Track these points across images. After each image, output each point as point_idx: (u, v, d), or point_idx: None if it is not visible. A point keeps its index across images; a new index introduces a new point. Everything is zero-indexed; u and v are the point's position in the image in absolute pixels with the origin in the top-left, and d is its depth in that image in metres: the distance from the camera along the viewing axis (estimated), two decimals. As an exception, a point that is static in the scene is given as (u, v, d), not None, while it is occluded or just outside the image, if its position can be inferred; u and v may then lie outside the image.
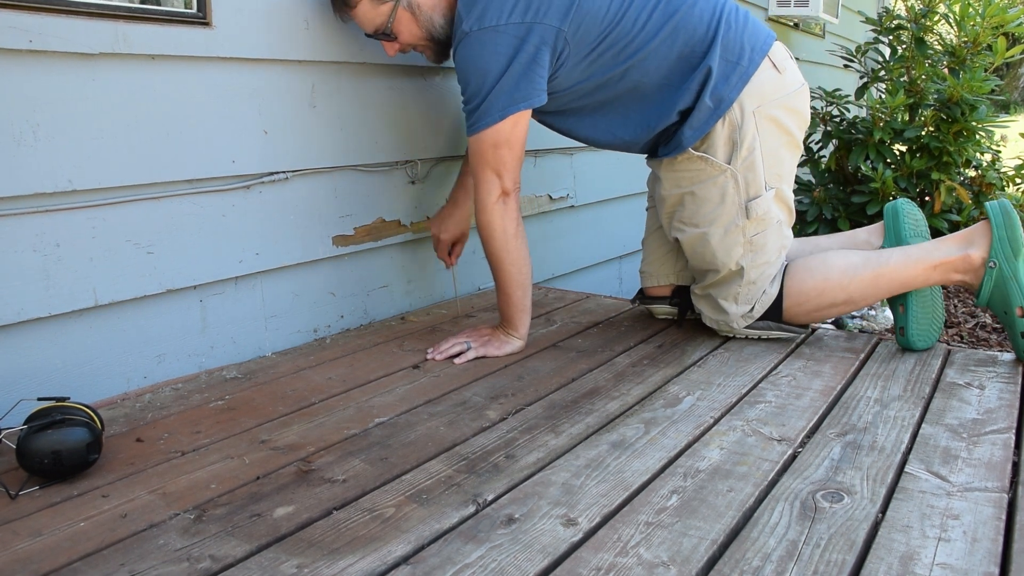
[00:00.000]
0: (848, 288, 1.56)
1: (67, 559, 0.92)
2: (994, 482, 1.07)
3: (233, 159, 1.53)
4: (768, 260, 1.60)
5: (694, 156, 1.58)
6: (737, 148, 1.56)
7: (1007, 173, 3.61)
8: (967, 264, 1.51)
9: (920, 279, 1.54)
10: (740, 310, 1.63)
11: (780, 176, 1.60)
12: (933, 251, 1.53)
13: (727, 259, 1.60)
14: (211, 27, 1.45)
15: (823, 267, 1.59)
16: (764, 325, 1.64)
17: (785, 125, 1.59)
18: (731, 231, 1.58)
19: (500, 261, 1.59)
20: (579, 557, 0.92)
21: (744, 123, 1.55)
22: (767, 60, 1.57)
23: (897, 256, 1.55)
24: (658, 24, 1.52)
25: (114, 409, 1.36)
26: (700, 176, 1.59)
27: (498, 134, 1.51)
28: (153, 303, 1.45)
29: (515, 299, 1.61)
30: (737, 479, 1.09)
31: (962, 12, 3.23)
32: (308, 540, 0.96)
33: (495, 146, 1.52)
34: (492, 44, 1.46)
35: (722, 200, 1.58)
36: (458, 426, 1.28)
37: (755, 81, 1.55)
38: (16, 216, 1.26)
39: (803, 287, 1.60)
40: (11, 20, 1.20)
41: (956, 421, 1.27)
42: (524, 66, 1.47)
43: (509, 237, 1.57)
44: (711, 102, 1.54)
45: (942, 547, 0.93)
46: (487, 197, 1.55)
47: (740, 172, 1.56)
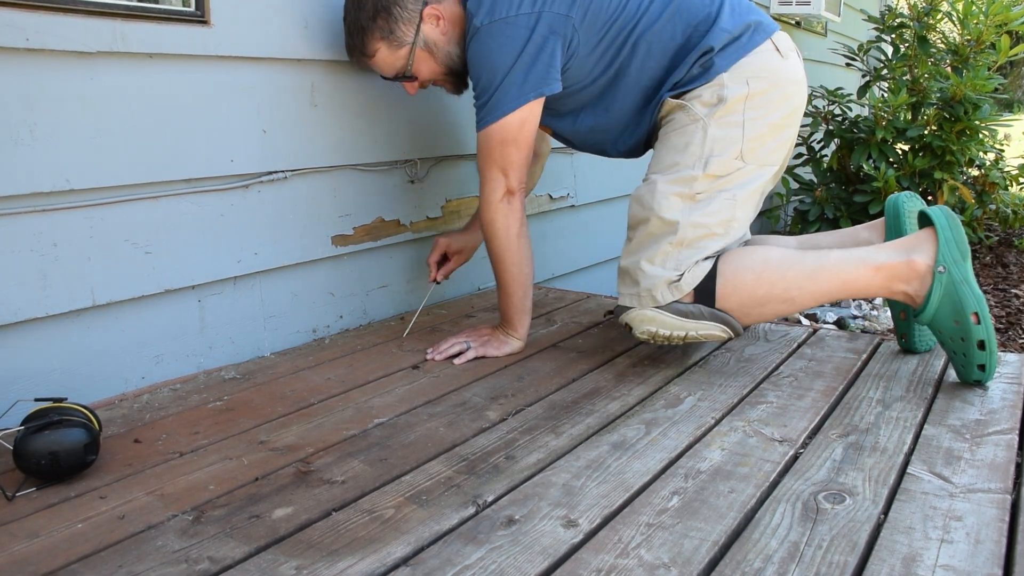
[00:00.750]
0: (786, 277, 1.41)
1: (64, 561, 0.92)
2: (997, 483, 1.07)
3: (232, 158, 1.52)
4: (707, 224, 1.43)
5: (672, 103, 1.50)
6: (720, 104, 1.46)
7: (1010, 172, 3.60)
8: (910, 270, 1.38)
9: (862, 281, 1.41)
10: (665, 274, 1.43)
11: (756, 155, 1.48)
12: (875, 253, 1.42)
13: (662, 206, 1.44)
14: (210, 26, 1.44)
15: (762, 252, 1.45)
16: (696, 310, 1.43)
17: (776, 108, 1.49)
18: (679, 179, 1.45)
19: (502, 260, 1.57)
20: (580, 558, 0.91)
21: (732, 85, 1.46)
22: (769, 42, 1.51)
23: (838, 253, 1.43)
24: (659, 7, 1.50)
25: (112, 410, 1.36)
26: (672, 124, 1.51)
27: (506, 130, 1.49)
28: (151, 303, 1.45)
29: (515, 299, 1.59)
30: (738, 480, 1.08)
31: (965, 10, 3.22)
32: (307, 541, 0.95)
33: (502, 143, 1.50)
34: (503, 35, 1.45)
35: (685, 148, 1.47)
36: (458, 427, 1.27)
37: (753, 57, 1.48)
38: (13, 216, 1.25)
39: (739, 268, 1.42)
40: (8, 18, 1.19)
41: (959, 422, 1.27)
42: (534, 55, 1.45)
43: (512, 237, 1.55)
44: (700, 68, 1.49)
45: (945, 549, 0.92)
46: (491, 195, 1.53)
47: (712, 126, 1.46)
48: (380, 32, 1.53)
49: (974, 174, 3.49)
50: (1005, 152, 3.60)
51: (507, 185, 1.52)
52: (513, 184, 1.53)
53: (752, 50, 1.49)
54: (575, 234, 2.52)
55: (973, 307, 1.34)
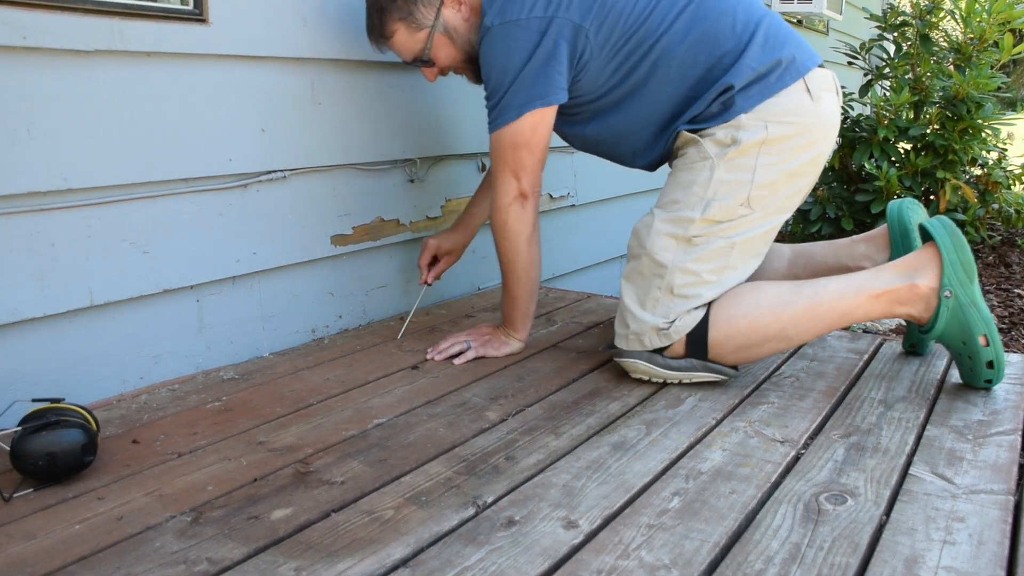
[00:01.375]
0: (781, 319, 1.36)
1: (62, 562, 0.91)
2: (1000, 484, 1.06)
3: (230, 158, 1.52)
4: (697, 272, 1.37)
5: (686, 136, 1.44)
6: (734, 146, 1.39)
7: (1013, 171, 3.59)
8: (913, 294, 1.34)
9: (862, 310, 1.36)
10: (654, 320, 1.39)
11: (764, 203, 1.40)
12: (874, 280, 1.37)
13: (655, 245, 1.39)
14: (208, 24, 1.44)
15: (753, 292, 1.39)
16: (688, 364, 1.40)
17: (796, 155, 1.40)
18: (676, 218, 1.39)
19: (511, 264, 1.54)
20: (580, 560, 0.91)
21: (750, 128, 1.38)
22: (801, 82, 1.41)
23: (835, 284, 1.37)
24: (685, 28, 1.42)
25: (110, 410, 1.35)
26: (684, 159, 1.45)
27: (517, 134, 1.45)
28: (149, 303, 1.44)
29: (520, 303, 1.57)
30: (739, 481, 1.08)
31: (968, 8, 3.21)
32: (306, 542, 0.95)
33: (514, 147, 1.46)
34: (513, 38, 1.41)
35: (688, 186, 1.41)
36: (458, 427, 1.27)
37: (779, 99, 1.39)
38: (10, 215, 1.25)
39: (731, 315, 1.37)
40: (5, 16, 1.19)
41: (961, 423, 1.26)
42: (543, 61, 1.41)
43: (522, 240, 1.51)
44: (720, 106, 1.41)
45: (947, 550, 0.92)
46: (503, 198, 1.50)
47: (720, 168, 1.39)
48: (399, 13, 1.51)
49: (977, 173, 3.48)
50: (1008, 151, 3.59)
51: (519, 188, 1.49)
52: (526, 187, 1.49)
53: (779, 91, 1.40)
54: (575, 234, 2.52)
55: (982, 330, 1.33)
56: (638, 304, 1.42)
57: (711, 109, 1.41)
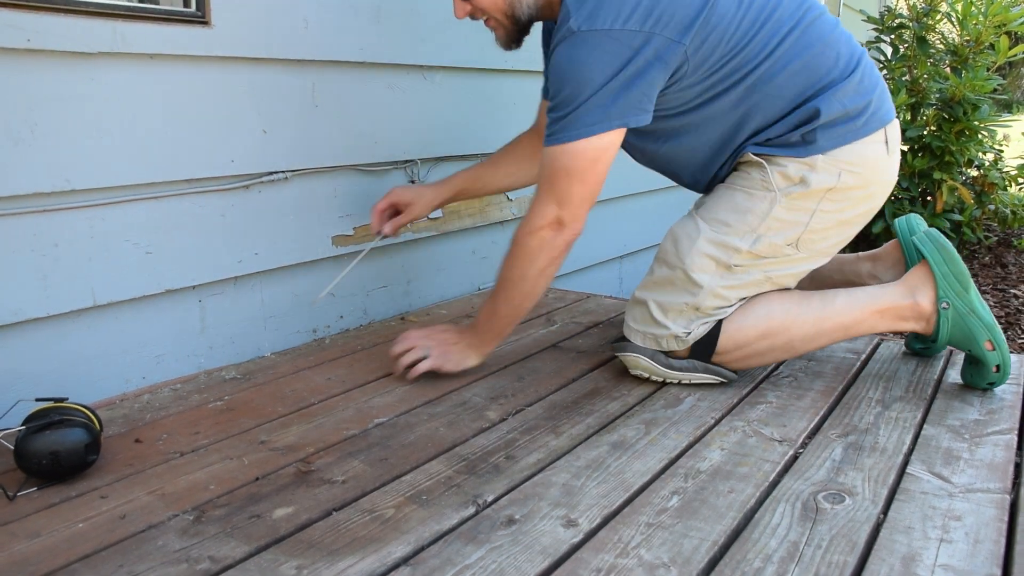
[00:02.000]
0: (790, 331, 1.38)
1: (65, 560, 0.92)
2: (996, 483, 1.07)
3: (232, 159, 1.52)
4: (728, 297, 1.37)
5: (753, 160, 1.36)
6: (802, 186, 1.33)
7: (1009, 173, 3.60)
8: (916, 312, 1.38)
9: (866, 325, 1.39)
10: (675, 330, 1.38)
11: (812, 245, 1.38)
12: (880, 296, 1.39)
13: (694, 263, 1.36)
14: (210, 26, 1.44)
15: (764, 305, 1.38)
16: (690, 365, 1.41)
17: (855, 206, 1.38)
18: (723, 243, 1.36)
19: (510, 284, 1.38)
20: (579, 558, 0.91)
21: (823, 172, 1.33)
22: (882, 132, 1.36)
23: (842, 298, 1.39)
24: (788, 55, 1.32)
25: (113, 410, 1.36)
26: (743, 179, 1.38)
27: (576, 157, 1.28)
28: (152, 303, 1.45)
29: (500, 324, 1.43)
30: (738, 480, 1.09)
31: (964, 11, 3.22)
32: (307, 541, 0.95)
33: (567, 172, 1.29)
34: (601, 50, 1.24)
35: (744, 213, 1.36)
36: (458, 427, 1.27)
37: (859, 146, 1.34)
38: (14, 216, 1.25)
39: (742, 326, 1.37)
40: (9, 19, 1.19)
41: (958, 422, 1.27)
42: (630, 80, 1.26)
43: (534, 270, 1.35)
44: (800, 138, 1.33)
45: (944, 548, 0.92)
46: (536, 219, 1.33)
47: (781, 205, 1.34)
48: None
49: (973, 174, 3.49)
50: (1004, 152, 3.60)
51: (558, 216, 1.32)
52: (566, 218, 1.32)
53: (863, 138, 1.34)
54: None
55: (985, 336, 1.34)
56: (660, 310, 1.40)
57: (790, 137, 1.34)
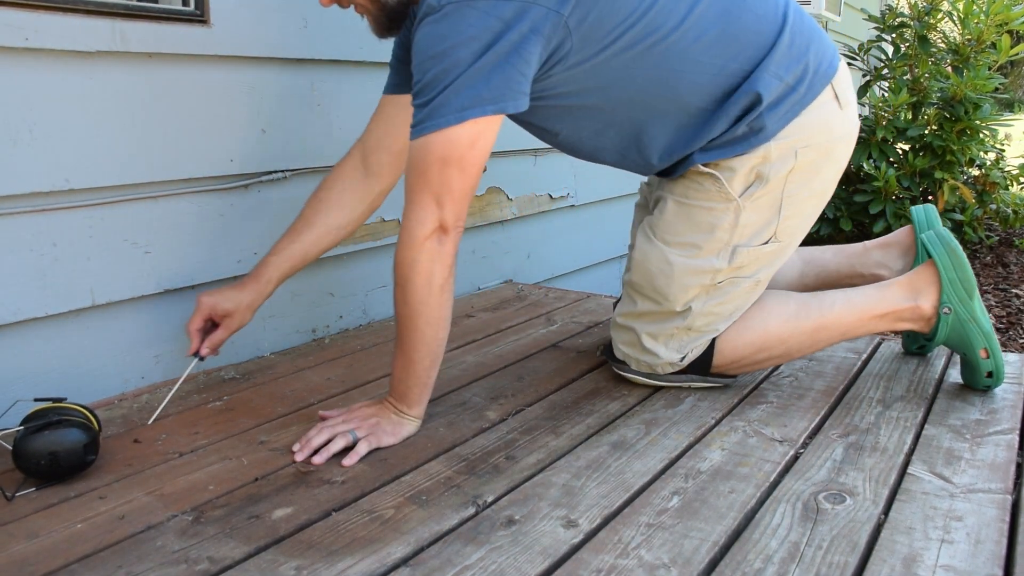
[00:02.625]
0: (787, 341, 1.36)
1: (64, 561, 0.92)
2: (997, 483, 1.07)
3: (231, 158, 1.52)
4: (720, 314, 1.34)
5: (703, 171, 1.29)
6: (760, 183, 1.28)
7: (1011, 172, 3.60)
8: (916, 314, 1.36)
9: (864, 328, 1.37)
10: (668, 355, 1.36)
11: (792, 230, 1.34)
12: (879, 301, 1.36)
13: (677, 296, 1.32)
14: (209, 25, 1.44)
15: (760, 316, 1.36)
16: (687, 378, 1.39)
17: (824, 173, 1.32)
18: (700, 269, 1.31)
19: (414, 316, 1.18)
20: (580, 559, 0.91)
21: (779, 160, 1.27)
22: (829, 89, 1.28)
23: (840, 305, 1.36)
24: (701, 24, 1.21)
25: (111, 410, 1.35)
26: (698, 192, 1.30)
27: (450, 145, 1.13)
28: (151, 303, 1.45)
29: (420, 370, 1.21)
30: (738, 480, 1.08)
31: (966, 9, 3.22)
32: (307, 542, 0.95)
33: (443, 162, 1.13)
34: (467, 23, 1.10)
35: (711, 231, 1.30)
36: (458, 427, 1.27)
37: (809, 115, 1.27)
38: (13, 215, 1.25)
39: (738, 342, 1.35)
40: (7, 18, 1.19)
41: (959, 422, 1.27)
42: (503, 57, 1.11)
43: (434, 288, 1.17)
44: (747, 128, 1.25)
45: (945, 549, 0.92)
46: (416, 228, 1.15)
47: (747, 210, 1.29)
48: None
49: (975, 174, 3.49)
50: (1006, 152, 3.60)
51: (440, 218, 1.15)
52: (448, 219, 1.15)
53: (809, 104, 1.26)
54: (575, 234, 2.52)
55: (981, 343, 1.34)
56: (651, 339, 1.37)
57: (735, 131, 1.25)
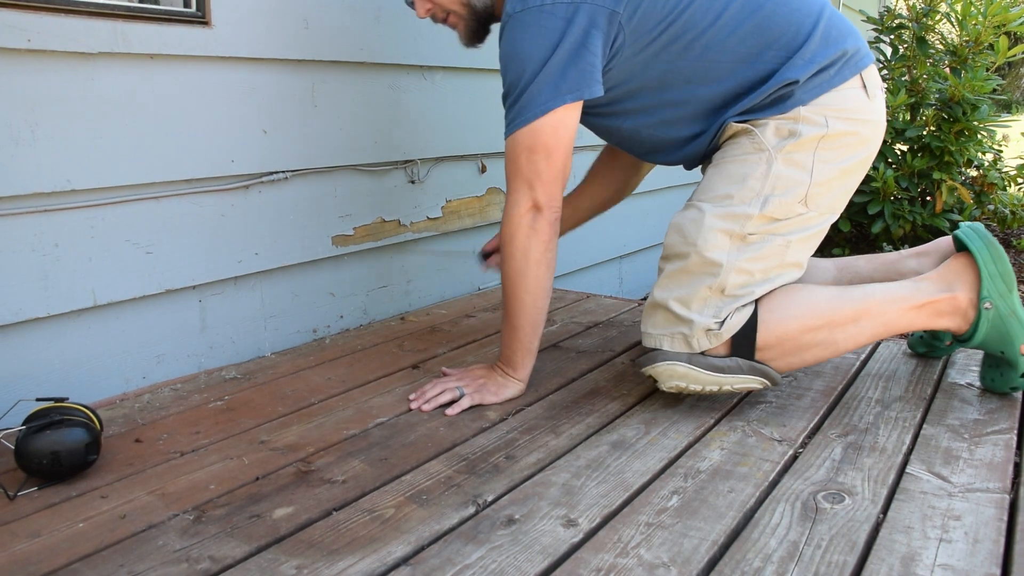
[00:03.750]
0: (833, 320, 1.29)
1: (66, 560, 0.92)
2: (995, 483, 1.07)
3: (232, 159, 1.52)
4: (752, 271, 1.27)
5: (735, 127, 1.31)
6: (792, 138, 1.28)
7: (1009, 173, 3.61)
8: (953, 306, 1.32)
9: (904, 321, 1.32)
10: (703, 321, 1.27)
11: (820, 200, 1.30)
12: (916, 291, 1.32)
13: (707, 242, 1.27)
14: (210, 26, 1.45)
15: (805, 292, 1.31)
16: (734, 364, 1.27)
17: (851, 153, 1.31)
18: (731, 214, 1.27)
19: (514, 285, 1.34)
20: (579, 558, 0.91)
21: (810, 122, 1.28)
22: (859, 78, 1.32)
23: (880, 294, 1.32)
24: (737, 19, 1.28)
25: (113, 409, 1.36)
26: (732, 149, 1.32)
27: (535, 136, 1.27)
28: (152, 303, 1.45)
29: (523, 335, 1.36)
30: (738, 480, 1.09)
31: (964, 11, 3.22)
32: (308, 541, 0.95)
33: (530, 151, 1.28)
34: (535, 26, 1.25)
35: (743, 180, 1.28)
36: (458, 427, 1.27)
37: (838, 94, 1.29)
38: (14, 216, 1.25)
39: (782, 317, 1.27)
40: (10, 19, 1.20)
41: (957, 422, 1.27)
42: (571, 51, 1.25)
43: (531, 261, 1.32)
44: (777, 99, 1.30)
45: (943, 548, 0.92)
46: (513, 208, 1.32)
47: (778, 160, 1.27)
48: None
49: (973, 174, 3.50)
50: (1003, 153, 3.61)
51: (533, 199, 1.31)
52: (541, 200, 1.30)
53: (839, 86, 1.30)
54: (575, 234, 2.52)
55: (1022, 339, 1.30)
56: (682, 305, 1.28)
57: (766, 101, 1.30)
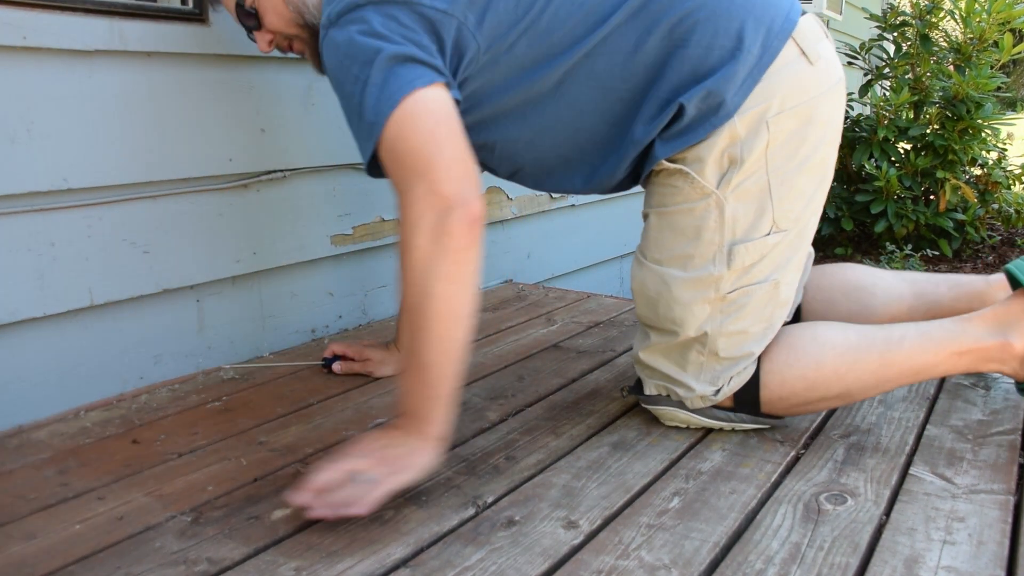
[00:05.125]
0: (846, 377, 1.15)
1: (62, 562, 0.91)
2: (1000, 484, 1.06)
3: (230, 157, 1.52)
4: (744, 330, 1.14)
5: (669, 168, 1.14)
6: (735, 167, 1.11)
7: (1013, 171, 3.60)
8: (1006, 353, 1.14)
9: (942, 367, 1.15)
10: (699, 388, 1.17)
11: (794, 214, 1.14)
12: (960, 334, 1.14)
13: (686, 319, 1.14)
14: (208, 24, 1.44)
15: (814, 347, 1.16)
16: (736, 417, 1.20)
17: (811, 140, 1.13)
18: (699, 279, 1.13)
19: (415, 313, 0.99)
20: (580, 560, 0.91)
21: (752, 136, 1.10)
22: (791, 44, 1.11)
23: (913, 337, 1.15)
24: (611, 6, 1.10)
25: (110, 410, 1.35)
26: (673, 196, 1.14)
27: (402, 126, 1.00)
28: (149, 303, 1.45)
29: (430, 377, 0.99)
30: (740, 481, 1.08)
31: (968, 8, 3.21)
32: (306, 543, 0.95)
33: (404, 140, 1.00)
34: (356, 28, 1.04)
35: (696, 236, 1.13)
36: (458, 427, 1.27)
37: (770, 78, 1.10)
38: (10, 215, 1.25)
39: (786, 375, 1.16)
40: (5, 16, 1.19)
41: (961, 422, 1.26)
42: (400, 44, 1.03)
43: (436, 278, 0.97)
44: (700, 108, 1.10)
45: (947, 550, 0.92)
46: (407, 210, 0.98)
47: (730, 201, 1.11)
48: None
49: (976, 173, 3.49)
50: (1008, 151, 3.60)
51: (433, 191, 0.96)
52: (445, 188, 0.96)
53: (767, 68, 1.10)
54: (575, 234, 2.52)
55: None
56: (676, 368, 1.19)
57: (688, 114, 1.10)
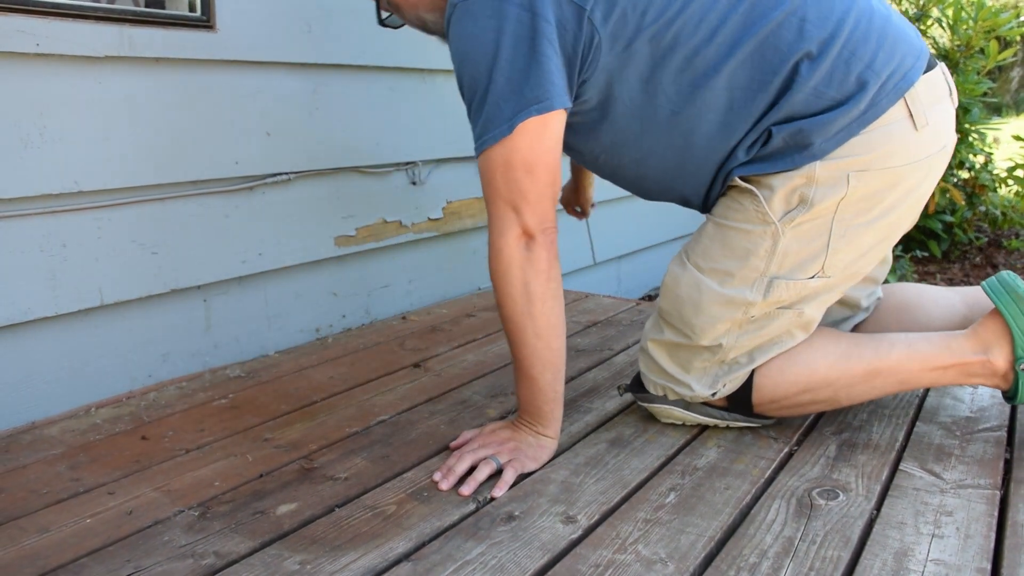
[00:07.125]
0: (835, 384, 1.18)
1: (74, 555, 0.93)
2: (986, 479, 1.08)
3: (236, 160, 1.54)
4: (760, 344, 1.17)
5: (741, 186, 1.14)
6: (803, 208, 1.10)
7: (999, 175, 3.62)
8: (988, 369, 1.16)
9: (926, 379, 1.18)
10: (700, 390, 1.20)
11: (843, 264, 1.14)
12: (944, 350, 1.17)
13: (705, 329, 1.16)
14: (215, 30, 1.46)
15: (807, 354, 1.18)
16: (729, 416, 1.23)
17: (889, 201, 1.11)
18: (732, 299, 1.14)
19: (520, 332, 1.11)
20: (578, 554, 0.92)
21: (829, 185, 1.09)
22: (901, 104, 1.08)
23: (900, 350, 1.17)
24: (733, 37, 1.07)
25: (119, 407, 1.37)
26: (736, 213, 1.14)
27: (511, 151, 1.06)
28: (158, 303, 1.47)
29: (544, 385, 1.13)
30: (734, 476, 1.10)
31: (955, 16, 3.24)
32: (310, 537, 0.96)
33: (507, 167, 1.07)
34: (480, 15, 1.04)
35: (745, 257, 1.13)
36: (459, 424, 1.29)
37: (870, 134, 1.07)
38: (23, 217, 1.27)
39: (780, 380, 1.18)
40: (20, 24, 1.21)
41: (949, 419, 1.28)
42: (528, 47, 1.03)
43: (534, 299, 1.10)
44: (787, 141, 1.09)
45: (936, 543, 0.94)
46: (500, 239, 1.09)
47: (787, 235, 1.11)
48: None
49: (964, 176, 3.51)
50: (994, 155, 3.62)
51: (521, 224, 1.09)
52: (531, 222, 1.09)
53: (869, 124, 1.07)
54: (574, 234, 2.54)
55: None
56: (680, 368, 1.21)
57: (774, 143, 1.10)
